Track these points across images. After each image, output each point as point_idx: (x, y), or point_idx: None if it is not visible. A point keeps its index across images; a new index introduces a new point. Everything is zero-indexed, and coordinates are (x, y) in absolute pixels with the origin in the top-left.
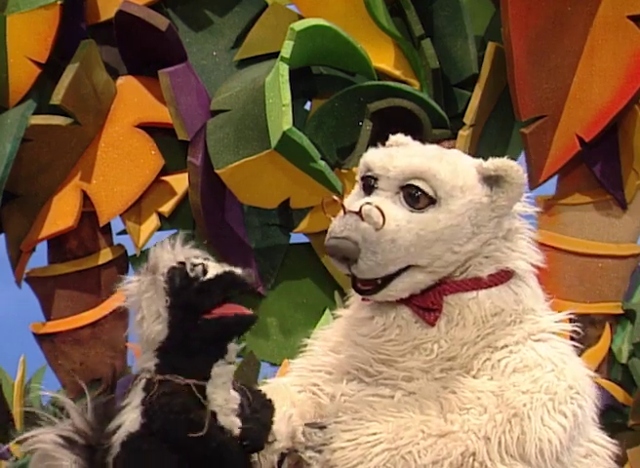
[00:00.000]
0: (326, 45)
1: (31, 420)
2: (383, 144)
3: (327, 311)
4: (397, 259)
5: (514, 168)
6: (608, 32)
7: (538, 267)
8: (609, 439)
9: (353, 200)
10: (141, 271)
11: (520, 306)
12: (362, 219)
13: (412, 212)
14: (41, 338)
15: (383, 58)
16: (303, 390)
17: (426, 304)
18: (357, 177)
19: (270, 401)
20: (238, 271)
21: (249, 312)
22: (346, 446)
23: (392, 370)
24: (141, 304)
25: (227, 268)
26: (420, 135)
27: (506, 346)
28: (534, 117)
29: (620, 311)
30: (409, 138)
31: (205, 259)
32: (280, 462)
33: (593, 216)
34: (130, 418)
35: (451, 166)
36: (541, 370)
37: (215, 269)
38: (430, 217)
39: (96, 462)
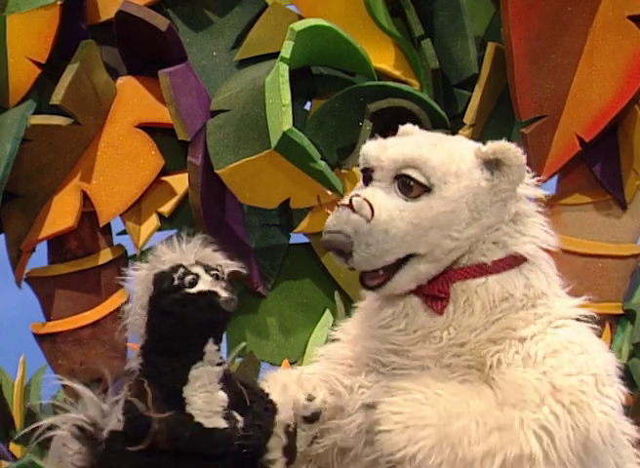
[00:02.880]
0: (326, 45)
1: (47, 409)
2: None
3: (327, 311)
4: (393, 249)
5: (512, 150)
6: (608, 32)
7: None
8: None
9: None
10: (147, 261)
11: (531, 291)
12: (354, 211)
13: (406, 201)
14: (41, 338)
15: (383, 58)
16: (325, 380)
17: (434, 292)
18: (359, 171)
19: (272, 403)
20: (223, 294)
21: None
22: (394, 428)
23: (403, 360)
24: (133, 295)
25: (215, 287)
26: None
27: (531, 337)
28: (534, 117)
29: (620, 311)
30: (416, 128)
31: (218, 267)
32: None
33: (593, 216)
34: (114, 417)
35: (445, 152)
36: (571, 352)
37: (205, 284)
38: (423, 205)
39: (97, 455)
